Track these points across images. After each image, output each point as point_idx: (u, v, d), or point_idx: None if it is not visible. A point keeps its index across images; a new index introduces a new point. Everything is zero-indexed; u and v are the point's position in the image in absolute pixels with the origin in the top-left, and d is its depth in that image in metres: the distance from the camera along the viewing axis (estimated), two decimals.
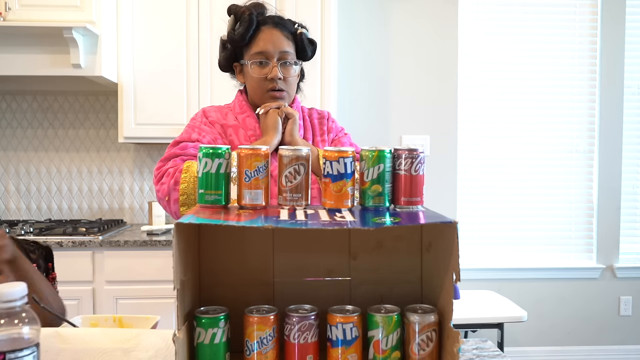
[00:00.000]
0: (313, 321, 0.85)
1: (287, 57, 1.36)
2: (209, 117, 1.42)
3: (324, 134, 1.47)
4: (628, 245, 3.28)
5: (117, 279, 2.49)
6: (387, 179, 0.90)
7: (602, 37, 3.18)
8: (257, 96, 1.39)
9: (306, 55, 1.42)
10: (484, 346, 1.10)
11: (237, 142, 1.36)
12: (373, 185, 0.90)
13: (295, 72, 1.39)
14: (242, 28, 1.33)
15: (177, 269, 0.75)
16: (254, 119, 1.40)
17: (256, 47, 1.34)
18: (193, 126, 1.39)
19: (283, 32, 1.36)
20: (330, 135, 1.47)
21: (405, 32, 3.12)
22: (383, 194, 0.90)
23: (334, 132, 1.48)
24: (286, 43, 1.36)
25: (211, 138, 1.36)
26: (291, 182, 0.90)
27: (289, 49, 1.36)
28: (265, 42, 1.34)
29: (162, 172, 1.29)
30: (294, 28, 1.39)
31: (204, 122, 1.41)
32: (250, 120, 1.40)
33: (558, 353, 3.23)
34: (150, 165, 3.10)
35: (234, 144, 1.36)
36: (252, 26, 1.33)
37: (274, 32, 1.35)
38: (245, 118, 1.40)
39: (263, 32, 1.35)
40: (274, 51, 1.34)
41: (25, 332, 0.70)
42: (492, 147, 3.20)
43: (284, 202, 0.91)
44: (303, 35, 1.39)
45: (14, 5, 2.52)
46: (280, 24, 1.36)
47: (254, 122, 1.39)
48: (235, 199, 0.92)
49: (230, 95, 2.87)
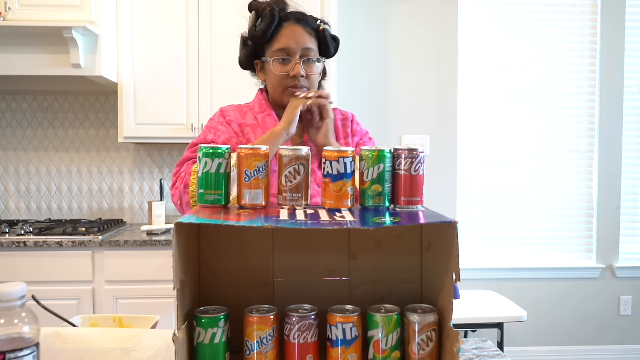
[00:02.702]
0: (313, 321, 0.85)
1: (310, 53, 1.31)
2: (226, 116, 1.38)
3: (348, 137, 1.42)
4: (628, 245, 3.28)
5: (117, 279, 2.49)
6: (387, 179, 0.90)
7: (602, 37, 3.18)
8: (278, 94, 1.34)
9: (329, 52, 1.37)
10: (484, 346, 1.10)
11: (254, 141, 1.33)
12: (373, 185, 0.90)
13: (318, 70, 1.35)
14: (264, 24, 1.29)
15: (177, 269, 0.75)
16: (274, 118, 1.36)
17: (278, 43, 1.30)
18: (210, 127, 1.36)
19: (306, 29, 1.32)
20: (355, 138, 1.42)
21: (405, 32, 3.12)
22: (383, 194, 0.90)
23: (358, 135, 1.43)
24: (309, 39, 1.32)
25: (226, 138, 1.32)
26: (291, 182, 0.90)
27: (311, 46, 1.32)
28: (287, 39, 1.30)
29: (176, 176, 1.27)
30: (316, 24, 1.35)
31: (221, 122, 1.37)
32: (269, 120, 1.35)
33: (558, 353, 3.23)
34: (150, 165, 3.10)
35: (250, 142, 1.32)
36: (274, 22, 1.29)
37: (296, 29, 1.31)
38: (265, 117, 1.36)
39: (285, 28, 1.31)
40: (297, 48, 1.30)
41: (25, 332, 0.70)
42: (492, 147, 3.20)
43: (284, 202, 0.91)
44: (326, 31, 1.35)
45: (14, 5, 2.52)
46: (302, 20, 1.33)
47: (274, 121, 1.35)
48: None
49: (230, 95, 2.87)
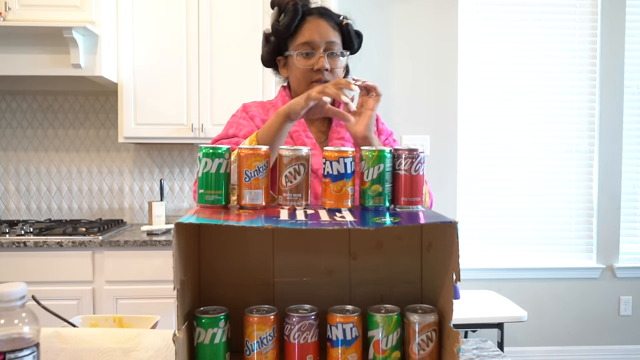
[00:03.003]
0: (313, 321, 0.85)
1: (333, 47, 1.30)
2: (249, 112, 1.37)
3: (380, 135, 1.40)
4: (628, 245, 3.28)
5: (117, 279, 2.49)
6: (387, 179, 0.90)
7: (602, 37, 3.18)
8: (301, 89, 1.31)
9: (353, 47, 1.36)
10: (484, 346, 1.10)
11: None
12: (373, 185, 0.90)
13: (342, 63, 1.33)
14: (287, 18, 1.28)
15: (177, 269, 0.75)
16: None
17: (302, 37, 1.29)
18: (231, 122, 1.35)
19: (329, 22, 1.31)
20: (381, 137, 1.41)
21: (405, 32, 3.12)
22: (383, 194, 0.90)
23: (384, 134, 1.42)
24: (332, 33, 1.30)
25: (247, 131, 1.30)
26: (291, 182, 0.90)
27: (335, 39, 1.30)
28: (311, 32, 1.29)
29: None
30: (339, 19, 1.34)
31: (243, 117, 1.36)
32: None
33: (558, 353, 3.23)
34: (150, 165, 3.10)
35: None
36: (298, 16, 1.28)
37: (320, 22, 1.30)
38: None
39: (309, 22, 1.30)
40: (321, 41, 1.28)
41: (25, 332, 0.70)
42: (492, 147, 3.20)
43: (284, 202, 0.91)
44: (349, 26, 1.34)
45: (14, 5, 2.52)
46: (325, 14, 1.32)
47: None
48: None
49: (230, 95, 2.88)
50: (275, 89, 2.74)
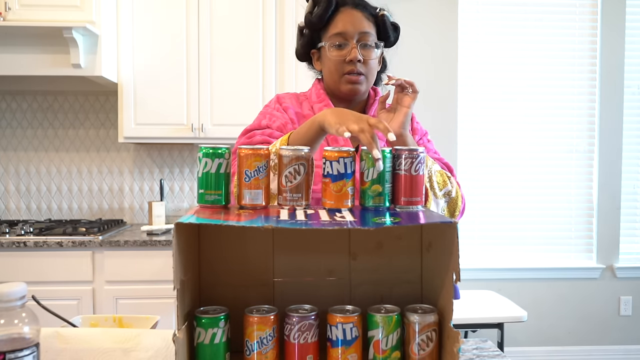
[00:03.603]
0: (313, 321, 0.85)
1: (367, 38, 1.26)
2: (282, 103, 1.34)
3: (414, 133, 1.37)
4: (628, 245, 3.28)
5: (117, 279, 2.49)
6: (387, 178, 0.90)
7: (602, 37, 3.18)
8: (333, 81, 1.29)
9: (389, 39, 1.33)
10: (484, 346, 1.10)
11: None
12: (373, 185, 0.90)
13: (376, 55, 1.29)
14: (321, 9, 1.26)
15: (177, 269, 0.75)
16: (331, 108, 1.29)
17: (334, 28, 1.27)
18: (265, 113, 1.32)
19: (364, 13, 1.28)
20: (415, 137, 1.38)
21: (405, 32, 3.10)
22: (383, 193, 0.90)
23: (418, 134, 1.39)
24: (366, 24, 1.27)
25: (281, 123, 1.28)
26: (291, 182, 0.90)
27: (369, 30, 1.27)
28: (344, 23, 1.26)
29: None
30: (375, 10, 1.32)
31: (277, 108, 1.33)
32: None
33: (558, 353, 3.23)
34: (150, 165, 3.10)
35: None
36: (331, 7, 1.26)
37: (354, 13, 1.27)
38: (322, 107, 1.31)
39: (342, 12, 1.27)
40: (354, 32, 1.25)
41: (25, 332, 0.70)
42: (492, 147, 3.20)
43: (284, 202, 0.91)
44: (385, 17, 1.31)
45: (14, 5, 2.52)
46: (360, 5, 1.29)
47: None
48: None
49: (230, 95, 2.88)
50: (276, 89, 2.74)
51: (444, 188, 1.16)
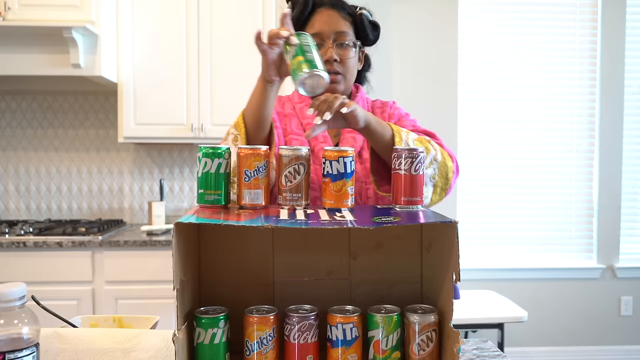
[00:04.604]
0: (313, 321, 0.85)
1: (343, 37, 1.28)
2: None
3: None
4: (628, 245, 3.28)
5: (117, 279, 2.49)
6: (305, 50, 1.00)
7: (603, 37, 3.18)
8: None
9: (367, 38, 1.34)
10: (484, 346, 1.10)
11: (289, 130, 1.31)
12: (295, 58, 1.02)
13: (353, 54, 1.31)
14: (297, 10, 1.29)
15: (176, 269, 0.75)
16: None
17: (311, 28, 1.29)
18: None
19: (340, 13, 1.30)
20: (392, 120, 1.37)
21: (405, 32, 3.12)
22: (304, 61, 0.99)
23: (395, 117, 1.38)
24: (343, 23, 1.29)
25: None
26: (291, 182, 0.90)
27: (346, 29, 1.29)
28: (320, 23, 1.28)
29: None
30: (353, 10, 1.33)
31: None
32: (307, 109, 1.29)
33: (558, 353, 3.23)
34: (150, 165, 3.10)
35: (286, 132, 1.31)
36: (308, 7, 1.29)
37: (330, 13, 1.29)
38: (303, 107, 1.34)
39: (319, 13, 1.29)
40: (330, 32, 1.27)
41: (24, 332, 0.70)
42: (492, 147, 3.20)
43: (283, 202, 0.91)
44: (364, 16, 1.32)
45: (13, 5, 2.52)
46: (337, 5, 1.31)
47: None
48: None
49: (230, 95, 2.87)
50: None
51: (429, 154, 1.14)
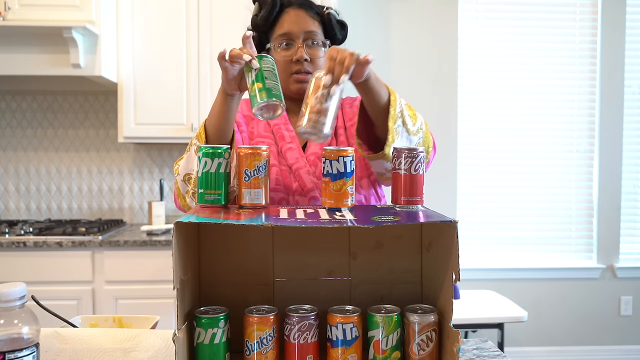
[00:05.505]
0: (313, 321, 0.85)
1: (313, 37, 1.28)
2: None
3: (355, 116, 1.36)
4: (628, 245, 3.28)
5: (117, 279, 2.49)
6: (265, 76, 0.98)
7: (603, 37, 3.18)
8: (283, 81, 1.29)
9: (335, 37, 1.34)
10: (484, 346, 1.10)
11: (256, 133, 1.31)
12: (255, 84, 0.98)
13: (322, 53, 1.31)
14: (265, 11, 1.29)
15: (176, 269, 0.75)
16: None
17: (280, 28, 1.29)
18: None
19: (308, 13, 1.30)
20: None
21: (405, 32, 3.12)
22: (263, 89, 0.96)
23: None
24: (312, 23, 1.29)
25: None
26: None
27: (315, 29, 1.29)
28: (289, 23, 1.28)
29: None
30: (321, 9, 1.33)
31: None
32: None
33: (558, 353, 3.23)
34: (150, 165, 3.10)
35: (253, 135, 1.31)
36: (276, 8, 1.28)
37: (298, 13, 1.29)
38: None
39: (287, 13, 1.29)
40: (299, 31, 1.27)
41: (24, 332, 0.70)
42: (492, 147, 3.20)
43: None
44: (331, 15, 1.33)
45: (13, 5, 2.52)
46: (305, 5, 1.31)
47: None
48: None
49: None
50: None
51: (417, 121, 1.14)
